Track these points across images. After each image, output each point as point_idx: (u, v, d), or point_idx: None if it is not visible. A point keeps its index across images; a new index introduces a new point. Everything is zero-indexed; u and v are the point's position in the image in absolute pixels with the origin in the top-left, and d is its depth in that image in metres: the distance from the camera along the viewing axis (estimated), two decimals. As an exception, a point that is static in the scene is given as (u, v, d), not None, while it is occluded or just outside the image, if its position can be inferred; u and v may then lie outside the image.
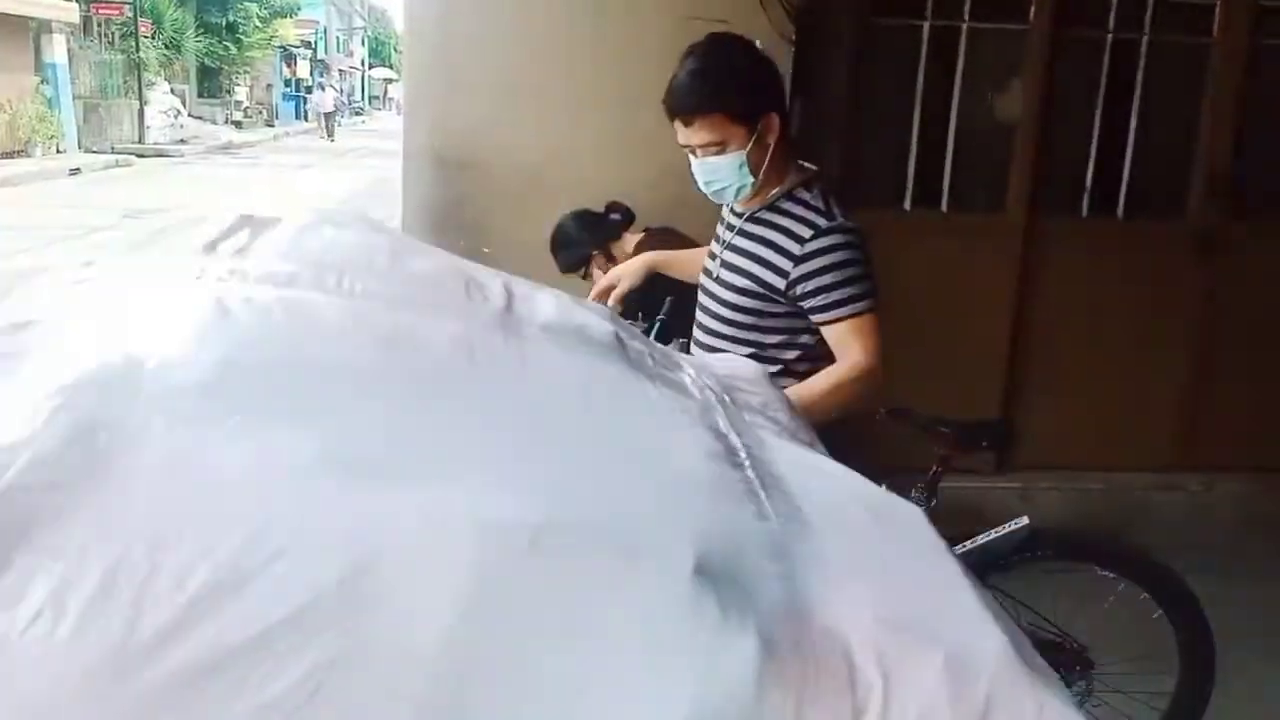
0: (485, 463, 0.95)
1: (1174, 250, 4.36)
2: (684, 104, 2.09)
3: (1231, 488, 4.48)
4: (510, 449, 0.98)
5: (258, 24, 32.30)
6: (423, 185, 3.79)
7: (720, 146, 2.09)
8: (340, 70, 50.01)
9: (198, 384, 0.91)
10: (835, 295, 2.09)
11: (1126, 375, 4.44)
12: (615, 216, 3.45)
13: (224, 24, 30.40)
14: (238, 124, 31.25)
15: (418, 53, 3.81)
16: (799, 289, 2.10)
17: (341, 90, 48.01)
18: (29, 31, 20.67)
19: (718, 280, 2.24)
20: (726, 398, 1.29)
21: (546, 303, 1.22)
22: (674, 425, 1.12)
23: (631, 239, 3.39)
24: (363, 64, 58.03)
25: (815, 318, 2.12)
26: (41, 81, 20.56)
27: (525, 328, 1.14)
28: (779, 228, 2.14)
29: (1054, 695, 0.99)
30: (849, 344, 2.11)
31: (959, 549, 2.61)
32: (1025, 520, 2.57)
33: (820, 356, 2.15)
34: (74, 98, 21.94)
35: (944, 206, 4.31)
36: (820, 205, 2.14)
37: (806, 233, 2.11)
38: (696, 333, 2.31)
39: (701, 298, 2.31)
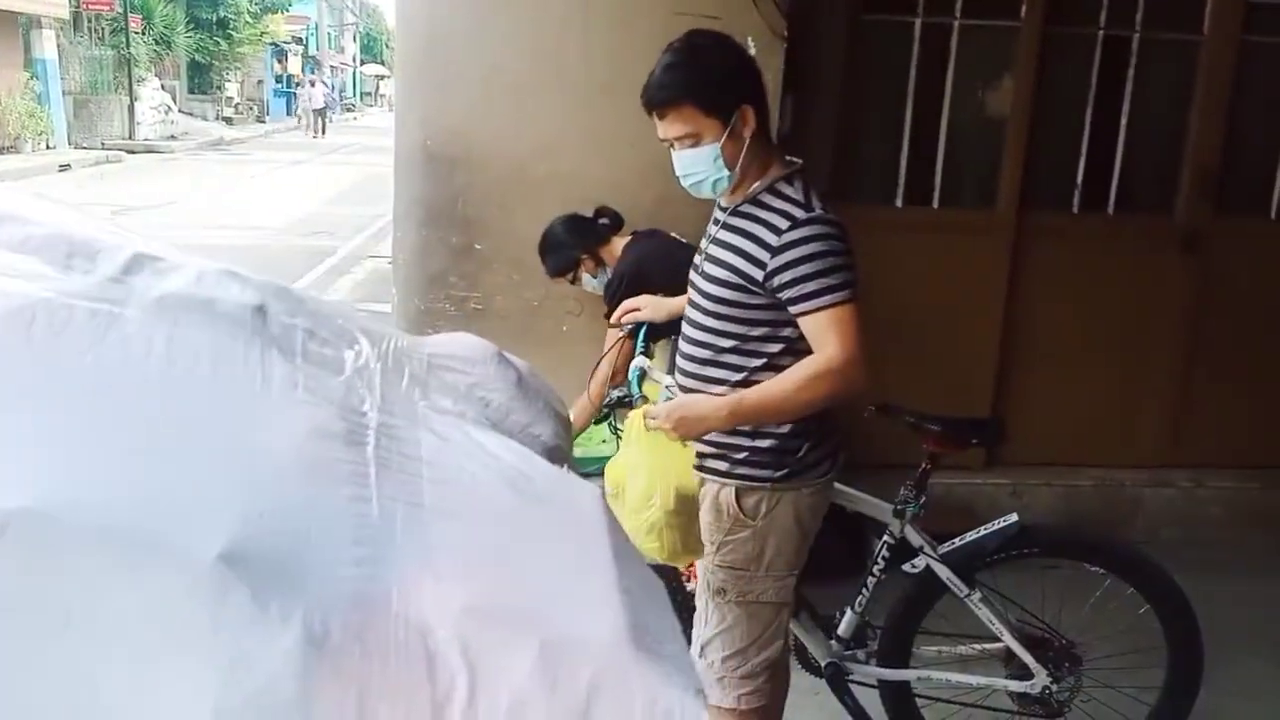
0: None
1: (1163, 246, 4.38)
2: (656, 97, 2.12)
3: (1221, 483, 4.50)
4: (18, 432, 0.90)
5: (249, 20, 32.22)
6: (414, 181, 3.78)
7: (695, 139, 2.11)
8: (332, 66, 49.87)
9: None
10: (811, 286, 2.05)
11: (1116, 371, 4.46)
12: (604, 221, 3.47)
13: (215, 20, 30.31)
14: (228, 120, 31.19)
15: (409, 49, 3.81)
16: (776, 280, 2.08)
17: (333, 86, 47.90)
18: (18, 27, 20.59)
19: (702, 274, 2.25)
20: (408, 376, 1.24)
21: (182, 276, 1.15)
22: (281, 404, 1.06)
23: (620, 242, 3.41)
24: (354, 60, 57.89)
25: (792, 309, 2.09)
26: (31, 77, 20.48)
27: (130, 300, 1.06)
28: (758, 220, 2.13)
29: (674, 686, 0.97)
30: (825, 336, 2.06)
31: (947, 546, 2.61)
32: (1015, 517, 2.57)
33: (805, 350, 2.14)
34: (64, 94, 21.88)
35: (935, 203, 4.32)
36: (800, 198, 2.12)
37: (784, 224, 2.09)
38: (683, 327, 2.32)
39: (689, 293, 2.33)
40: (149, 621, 0.82)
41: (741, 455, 2.21)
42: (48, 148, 20.31)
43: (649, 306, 2.79)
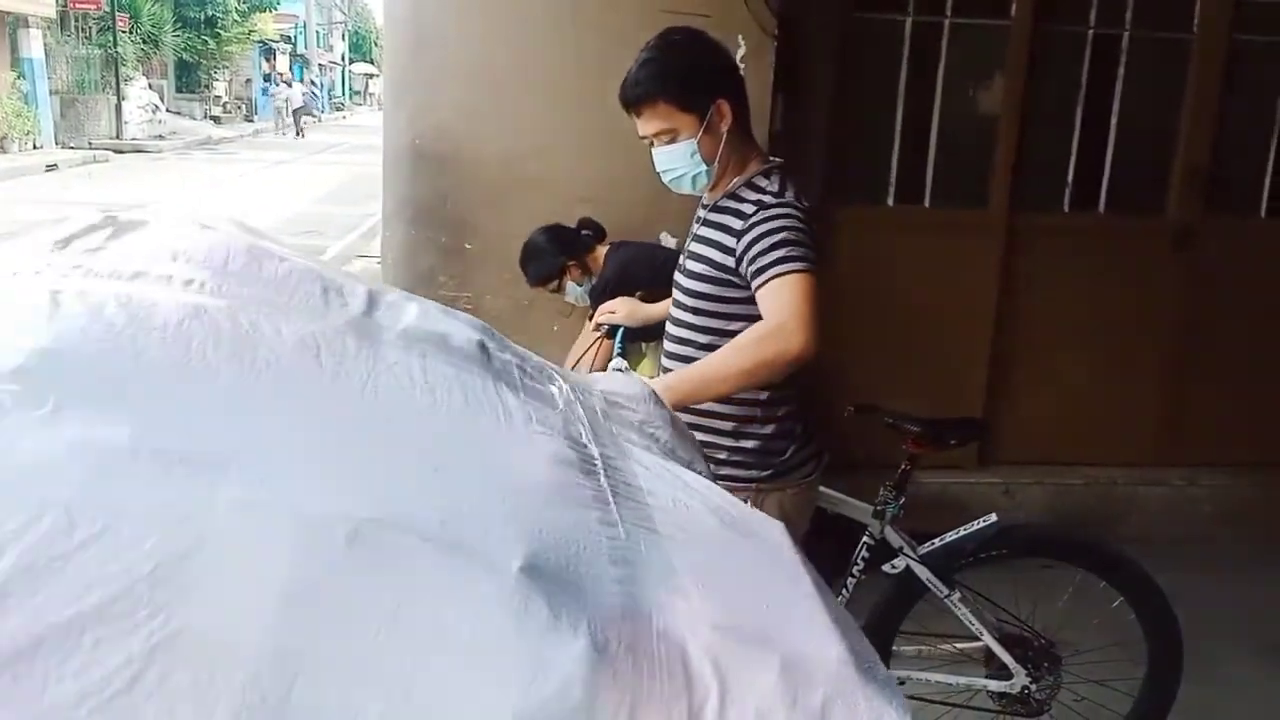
0: (314, 460, 0.95)
1: (1154, 245, 4.38)
2: (632, 94, 2.13)
3: (1213, 482, 4.50)
4: (343, 448, 0.98)
5: (236, 18, 32.12)
6: (403, 180, 3.76)
7: (671, 135, 2.12)
8: (321, 65, 49.74)
9: (15, 370, 0.89)
10: (768, 259, 2.02)
11: (1108, 369, 4.46)
12: (586, 233, 3.47)
13: (202, 18, 30.22)
14: (216, 119, 31.09)
15: (398, 47, 3.78)
16: (744, 264, 2.07)
17: (321, 85, 47.78)
18: (4, 26, 20.49)
19: (684, 272, 2.25)
20: (599, 412, 1.32)
21: (410, 310, 1.23)
22: (526, 433, 1.13)
23: (602, 250, 3.44)
24: (343, 59, 57.77)
25: (753, 287, 2.05)
26: (18, 77, 20.39)
27: (382, 333, 1.15)
28: (733, 211, 2.13)
29: (891, 705, 1.03)
30: (772, 303, 2.00)
31: (927, 546, 2.60)
32: (994, 518, 2.57)
33: None
34: (51, 93, 21.78)
35: (927, 202, 4.31)
36: (774, 189, 2.11)
37: (752, 210, 2.09)
38: (667, 327, 2.32)
39: (673, 294, 2.32)
40: (464, 626, 0.88)
41: (723, 456, 2.19)
42: (35, 147, 20.22)
43: (625, 310, 2.80)
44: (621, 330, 2.85)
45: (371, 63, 57.98)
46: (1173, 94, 4.34)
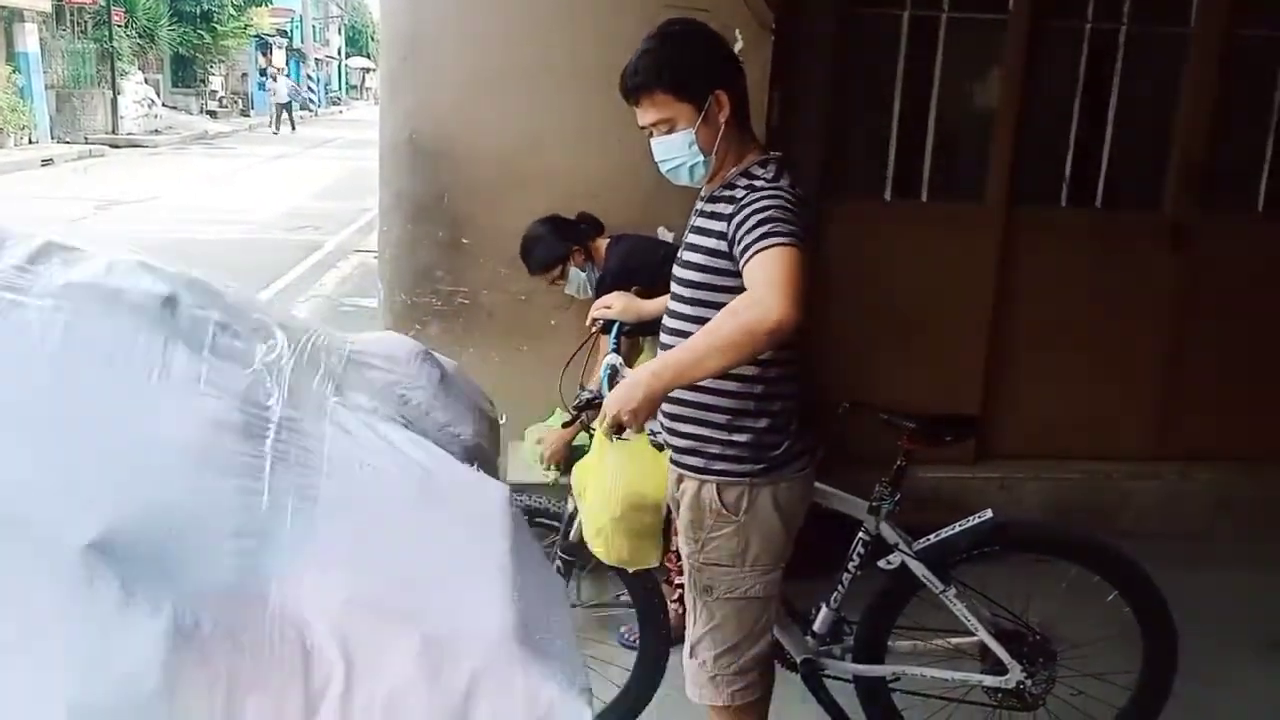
0: None
1: (1150, 240, 4.38)
2: (630, 84, 2.15)
3: (1208, 476, 4.51)
4: None
5: (232, 12, 32.00)
6: (400, 175, 3.75)
7: (669, 125, 2.13)
8: (317, 59, 49.61)
9: None
10: (752, 236, 1.99)
11: (1104, 364, 4.47)
12: (584, 226, 3.51)
13: (198, 12, 30.10)
14: (212, 114, 31.00)
15: (394, 42, 3.77)
16: (735, 247, 2.04)
17: (317, 79, 47.67)
18: (0, 21, 20.41)
19: (681, 263, 2.25)
20: (319, 373, 1.25)
21: (89, 265, 1.15)
22: (179, 396, 1.06)
23: (602, 243, 3.45)
24: (339, 53, 57.62)
25: (740, 267, 2.02)
26: (13, 71, 20.32)
27: (35, 287, 1.06)
28: (727, 199, 2.12)
29: (556, 682, 0.98)
30: (752, 276, 1.97)
31: (923, 542, 2.60)
32: (989, 513, 2.56)
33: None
34: (46, 87, 21.70)
35: (924, 196, 4.31)
36: (769, 176, 2.10)
37: (744, 194, 2.08)
38: (664, 318, 2.31)
39: (671, 287, 2.32)
40: (11, 609, 0.81)
41: (716, 450, 2.19)
42: (30, 142, 20.15)
43: (620, 305, 2.79)
44: (617, 326, 2.84)
45: (368, 57, 57.81)
46: (1170, 89, 4.34)
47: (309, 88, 45.32)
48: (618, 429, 2.05)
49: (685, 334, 2.16)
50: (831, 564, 2.69)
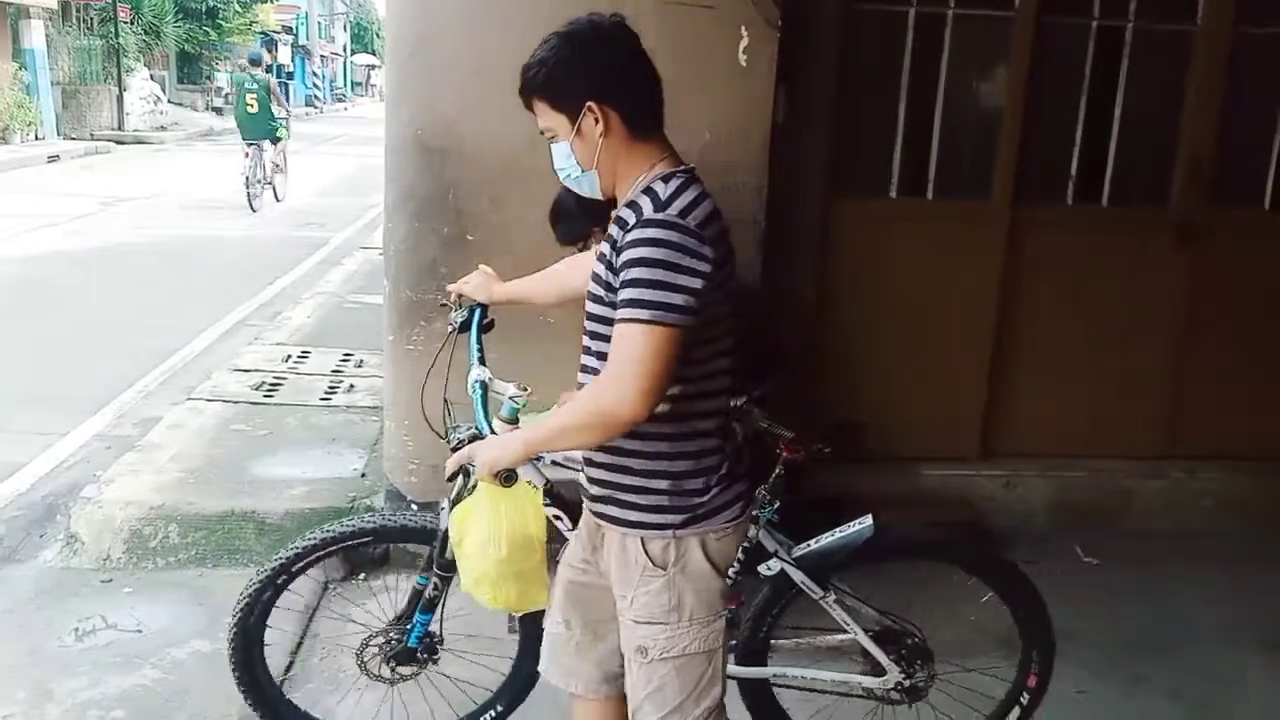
0: None
1: (1157, 238, 4.37)
2: (520, 87, 1.98)
3: (1214, 475, 4.50)
4: None
5: (238, 9, 32.03)
6: (406, 172, 3.75)
7: (553, 133, 1.95)
8: (322, 56, 49.64)
9: None
10: (624, 295, 1.77)
11: (1110, 362, 4.46)
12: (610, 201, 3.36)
13: (204, 9, 30.12)
14: (218, 110, 30.98)
15: (400, 38, 3.77)
16: (613, 291, 1.83)
17: (323, 76, 47.69)
18: (6, 17, 20.46)
19: (591, 277, 2.00)
20: None
21: None
22: None
23: None
24: (345, 50, 57.64)
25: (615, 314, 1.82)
26: (19, 68, 20.35)
27: None
28: (620, 221, 1.89)
29: None
30: (615, 348, 1.78)
31: (802, 548, 2.59)
32: (869, 520, 2.55)
33: (690, 379, 1.90)
34: (52, 84, 21.73)
35: (929, 194, 4.30)
36: (662, 197, 1.83)
37: (631, 220, 1.84)
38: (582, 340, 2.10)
39: None
40: None
41: (632, 498, 1.96)
42: (36, 139, 20.19)
43: (475, 281, 2.62)
44: (476, 322, 2.65)
45: (373, 54, 57.84)
46: (1176, 86, 4.32)
47: (314, 84, 45.35)
48: (505, 478, 2.02)
49: (589, 369, 1.97)
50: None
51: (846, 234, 4.19)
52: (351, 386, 5.74)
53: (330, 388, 5.73)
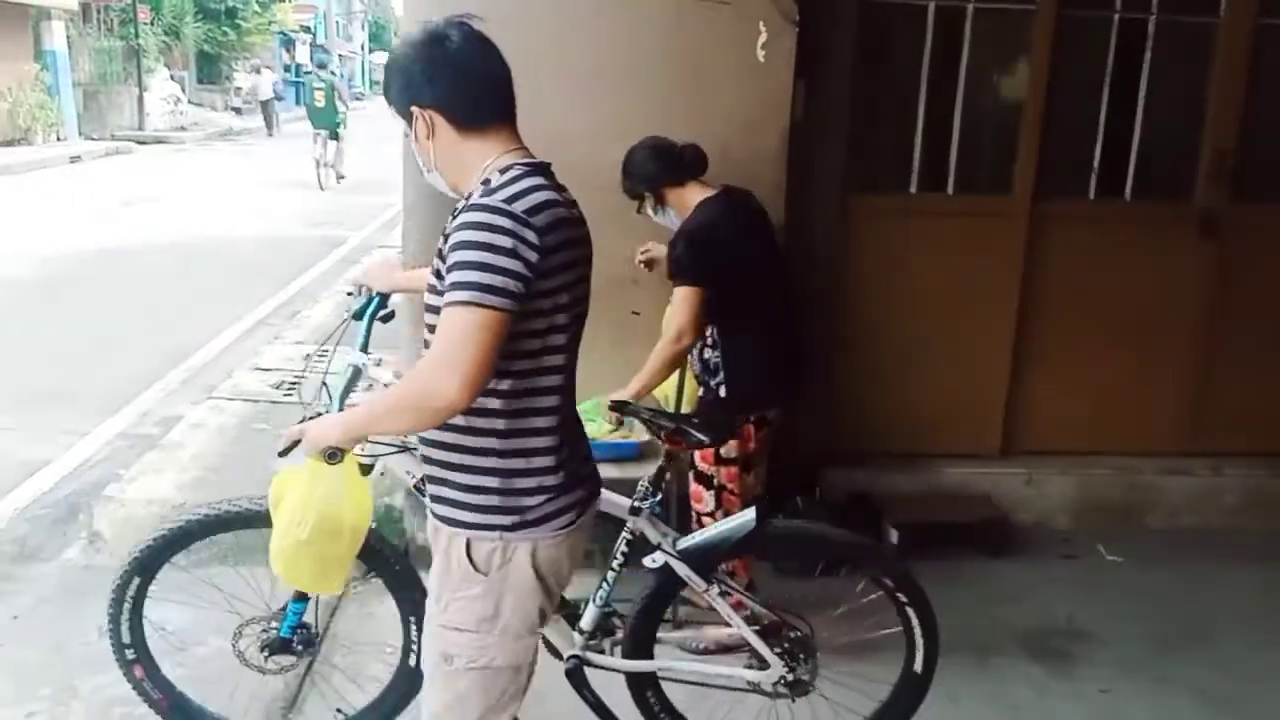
0: None
1: (1180, 232, 4.34)
2: None
3: (1238, 471, 4.46)
4: None
5: (257, 9, 32.15)
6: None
7: (410, 136, 1.96)
8: (340, 55, 49.82)
9: None
10: (450, 278, 1.72)
11: (1133, 358, 4.42)
12: (682, 162, 3.19)
13: (223, 9, 30.26)
14: (238, 110, 31.12)
15: (418, 37, 3.78)
16: (442, 276, 1.79)
17: (341, 74, 47.80)
18: (28, 19, 20.60)
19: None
20: None
21: None
22: None
23: (696, 192, 3.16)
24: (363, 49, 57.83)
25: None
26: (41, 69, 20.50)
27: None
28: (454, 212, 1.85)
29: None
30: (438, 334, 1.73)
31: (686, 541, 2.58)
32: (752, 514, 2.53)
33: (520, 373, 1.83)
34: (74, 85, 21.88)
35: (950, 189, 4.28)
36: (493, 185, 1.81)
37: (461, 207, 1.82)
38: None
39: None
40: None
41: (462, 496, 1.89)
42: (58, 139, 20.34)
43: (374, 273, 2.57)
44: (370, 310, 2.62)
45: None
46: (1199, 79, 4.28)
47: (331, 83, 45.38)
48: (329, 455, 1.93)
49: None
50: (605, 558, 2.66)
51: (866, 230, 4.17)
52: (370, 385, 5.75)
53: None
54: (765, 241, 3.24)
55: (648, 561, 2.55)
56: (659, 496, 2.59)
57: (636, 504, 2.57)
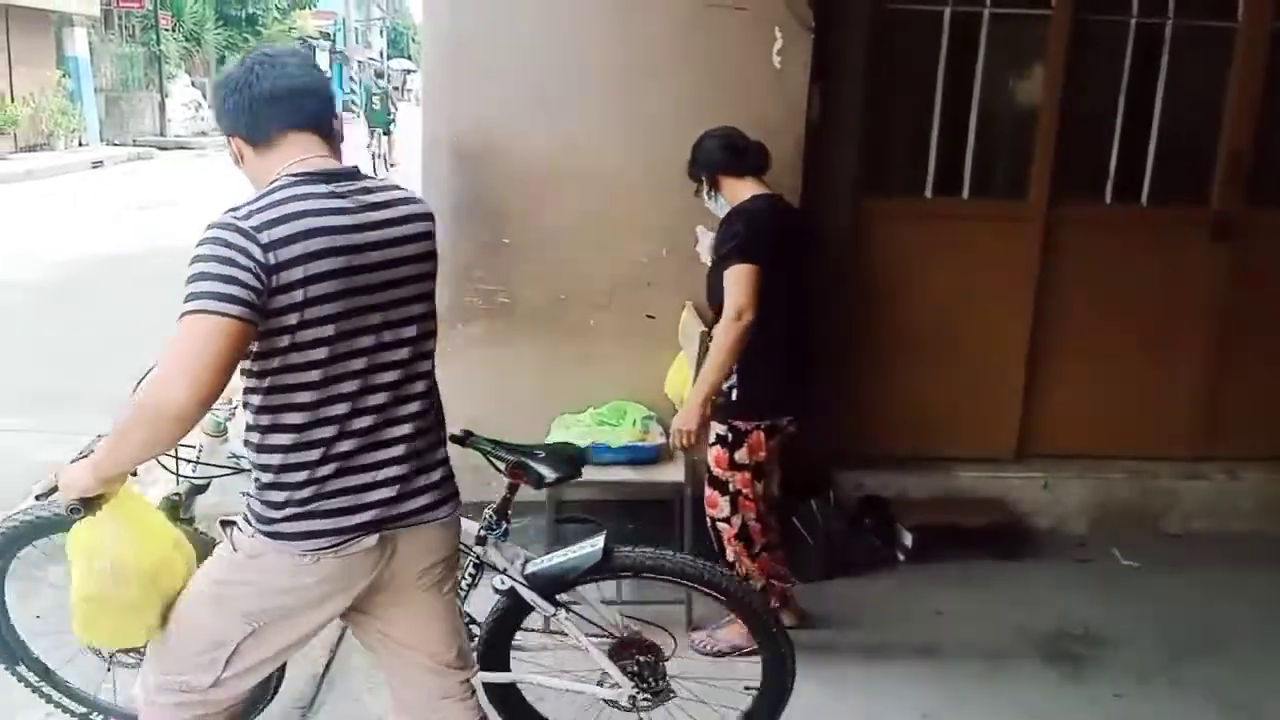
0: None
1: (1196, 236, 4.32)
2: None
3: (1255, 476, 4.44)
4: None
5: (277, 16, 32.42)
6: (442, 175, 3.79)
7: None
8: (359, 61, 50.05)
9: None
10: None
11: (1149, 362, 4.41)
12: (745, 158, 3.23)
13: (243, 16, 30.51)
14: (258, 116, 31.34)
15: (436, 44, 3.81)
16: None
17: (359, 81, 47.98)
18: (50, 25, 20.81)
19: None
20: None
21: None
22: None
23: (750, 187, 3.21)
24: (381, 55, 58.08)
25: None
26: (63, 75, 20.71)
27: None
28: None
29: None
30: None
31: (533, 566, 2.59)
32: (600, 542, 2.55)
33: (269, 389, 1.83)
34: (95, 91, 22.10)
35: (965, 193, 4.28)
36: (247, 199, 1.84)
37: None
38: None
39: None
40: None
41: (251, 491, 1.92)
42: (80, 145, 20.53)
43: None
44: None
45: (409, 59, 58.23)
46: (1216, 84, 4.27)
47: (351, 90, 45.64)
48: (73, 510, 1.88)
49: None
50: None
51: (881, 233, 4.18)
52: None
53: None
54: (802, 259, 3.25)
55: (496, 583, 2.59)
56: (504, 527, 2.61)
57: (481, 533, 2.59)
